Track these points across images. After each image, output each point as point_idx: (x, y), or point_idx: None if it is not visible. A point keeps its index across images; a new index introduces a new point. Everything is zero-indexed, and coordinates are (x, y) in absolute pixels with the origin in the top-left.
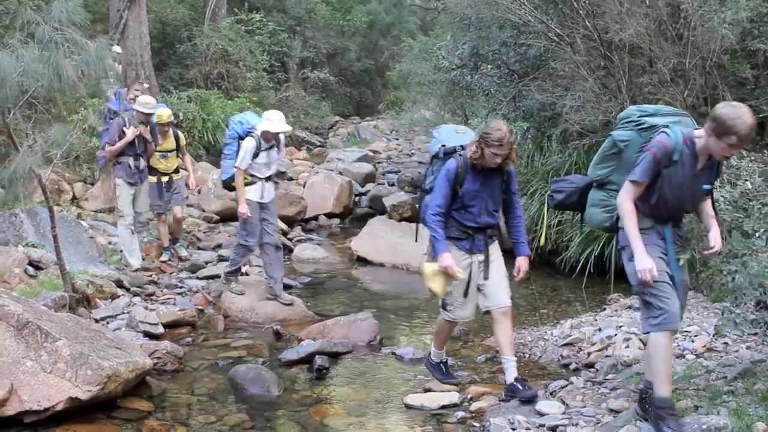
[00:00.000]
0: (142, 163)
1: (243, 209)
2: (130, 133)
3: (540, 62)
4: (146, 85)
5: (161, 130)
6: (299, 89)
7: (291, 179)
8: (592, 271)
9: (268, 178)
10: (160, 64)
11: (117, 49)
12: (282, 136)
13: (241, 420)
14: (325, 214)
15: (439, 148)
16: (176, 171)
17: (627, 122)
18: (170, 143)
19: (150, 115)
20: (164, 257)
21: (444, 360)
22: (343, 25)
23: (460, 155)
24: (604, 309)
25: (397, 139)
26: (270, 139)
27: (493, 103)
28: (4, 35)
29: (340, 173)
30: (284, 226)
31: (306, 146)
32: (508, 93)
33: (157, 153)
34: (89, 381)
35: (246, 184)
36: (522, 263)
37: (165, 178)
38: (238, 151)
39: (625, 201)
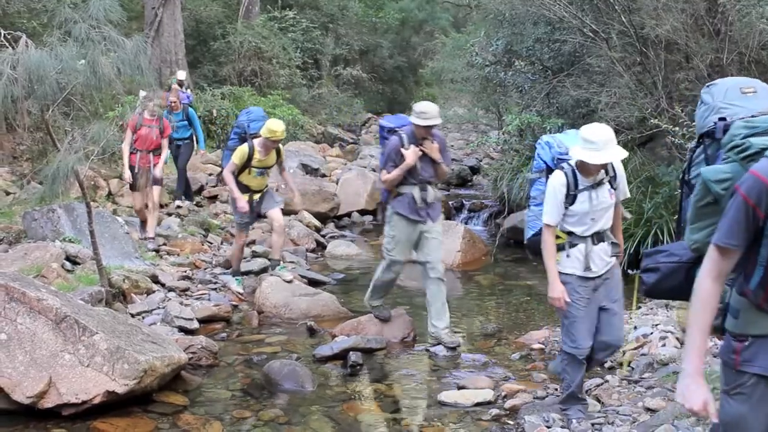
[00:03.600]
0: (431, 193)
1: (556, 293)
2: (411, 155)
3: (575, 58)
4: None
5: (271, 145)
6: (332, 86)
7: (324, 176)
8: (626, 268)
9: (596, 236)
10: (194, 61)
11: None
12: (620, 165)
13: (275, 415)
14: (357, 211)
15: (711, 121)
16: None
17: (730, 149)
18: (272, 159)
19: (431, 128)
20: (236, 286)
21: None
22: (376, 22)
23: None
24: (640, 307)
25: None
26: (592, 173)
27: (527, 99)
28: (43, 33)
29: (373, 170)
30: (317, 223)
31: (339, 143)
32: (542, 89)
33: (254, 169)
34: (126, 375)
35: (557, 247)
36: None
37: (256, 196)
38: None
39: (703, 280)
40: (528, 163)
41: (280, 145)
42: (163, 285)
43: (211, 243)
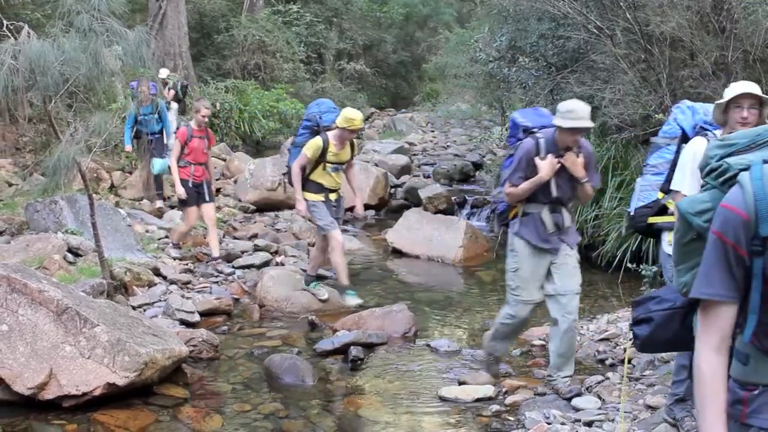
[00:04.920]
0: (566, 217)
1: None
2: (547, 167)
3: (579, 55)
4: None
5: (348, 136)
6: (335, 81)
7: None
8: (628, 266)
9: None
10: (198, 54)
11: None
12: None
13: (275, 409)
14: None
15: None
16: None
17: (707, 174)
18: (347, 153)
19: (578, 132)
20: (321, 293)
21: None
22: (380, 16)
23: None
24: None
25: (432, 132)
26: None
27: (530, 95)
28: (46, 24)
29: (376, 165)
30: None
31: None
32: (545, 86)
33: (329, 165)
34: (126, 367)
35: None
36: None
37: (333, 196)
38: None
39: (701, 355)
40: None
41: (354, 141)
42: (164, 278)
43: None
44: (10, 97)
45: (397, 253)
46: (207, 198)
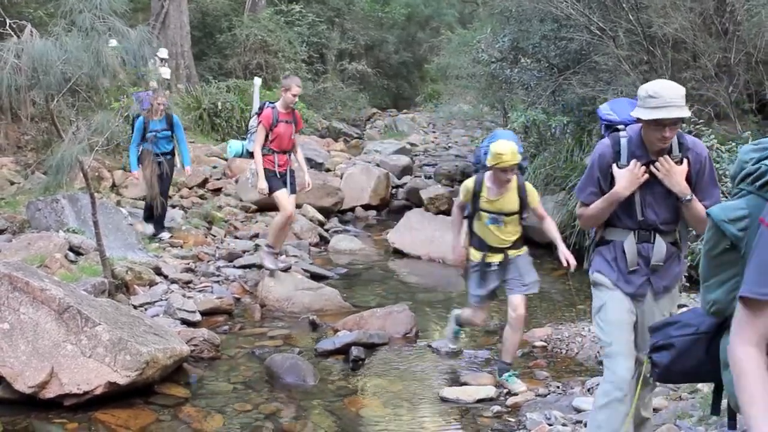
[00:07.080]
0: (660, 248)
1: None
2: (626, 178)
3: (581, 56)
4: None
5: (502, 177)
6: (337, 81)
7: (328, 170)
8: None
9: None
10: (200, 53)
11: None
12: None
13: (276, 409)
14: (362, 206)
15: None
16: (515, 245)
17: (742, 179)
18: (510, 201)
19: (672, 124)
20: (514, 384)
21: None
22: (382, 17)
23: None
24: None
25: (434, 132)
26: None
27: (532, 97)
28: (49, 23)
29: (378, 165)
30: (321, 217)
31: (343, 138)
32: (547, 87)
33: (486, 215)
34: (128, 366)
35: None
36: None
37: (496, 258)
38: None
39: (736, 349)
40: (533, 160)
41: (527, 185)
42: (165, 277)
43: (215, 236)
44: (12, 96)
45: (399, 253)
46: (290, 190)
